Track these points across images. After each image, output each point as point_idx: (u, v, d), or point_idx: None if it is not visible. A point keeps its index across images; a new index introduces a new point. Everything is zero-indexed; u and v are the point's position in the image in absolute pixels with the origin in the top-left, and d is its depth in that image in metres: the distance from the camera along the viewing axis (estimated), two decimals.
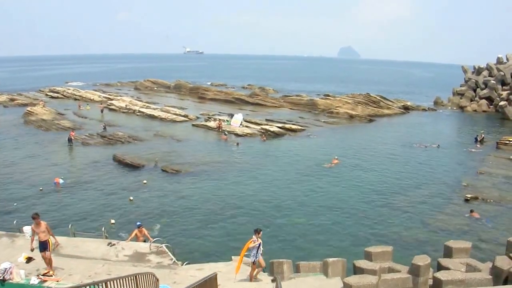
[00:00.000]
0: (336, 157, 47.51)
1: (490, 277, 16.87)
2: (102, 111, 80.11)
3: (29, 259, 18.86)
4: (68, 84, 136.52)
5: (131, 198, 35.12)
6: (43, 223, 18.71)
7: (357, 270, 19.55)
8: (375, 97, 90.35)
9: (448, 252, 19.77)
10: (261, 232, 19.23)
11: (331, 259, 20.22)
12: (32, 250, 18.89)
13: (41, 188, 37.29)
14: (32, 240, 18.90)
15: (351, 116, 78.61)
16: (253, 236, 18.82)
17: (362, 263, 19.75)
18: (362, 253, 21.34)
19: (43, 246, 18.48)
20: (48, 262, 18.63)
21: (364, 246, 22.70)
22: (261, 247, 18.93)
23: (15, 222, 25.12)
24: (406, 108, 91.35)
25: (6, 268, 17.72)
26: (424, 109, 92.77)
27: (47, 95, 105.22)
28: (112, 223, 29.77)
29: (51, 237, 18.85)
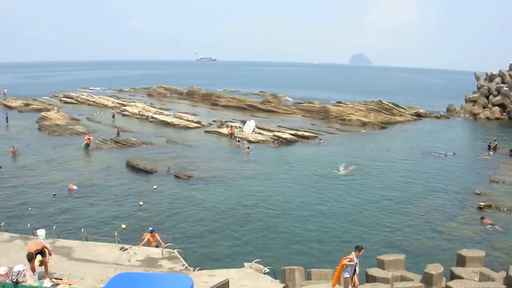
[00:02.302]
0: (352, 164, 47.48)
1: (504, 286, 16.79)
2: (113, 116, 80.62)
3: (41, 263, 18.92)
4: (82, 89, 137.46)
5: (141, 203, 35.25)
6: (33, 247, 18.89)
7: (370, 278, 19.49)
8: (387, 104, 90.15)
9: (461, 261, 19.68)
10: (363, 250, 18.10)
11: None
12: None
13: (54, 193, 37.50)
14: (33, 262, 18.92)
15: (364, 123, 78.42)
16: (352, 253, 17.83)
17: (374, 271, 19.70)
18: (374, 261, 21.27)
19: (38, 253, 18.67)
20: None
21: (377, 254, 22.64)
22: (357, 266, 17.85)
23: (29, 225, 25.33)
24: (419, 115, 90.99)
25: (19, 271, 17.81)
26: (436, 116, 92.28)
27: (61, 100, 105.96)
28: (123, 228, 29.83)
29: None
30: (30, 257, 18.38)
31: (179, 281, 11.71)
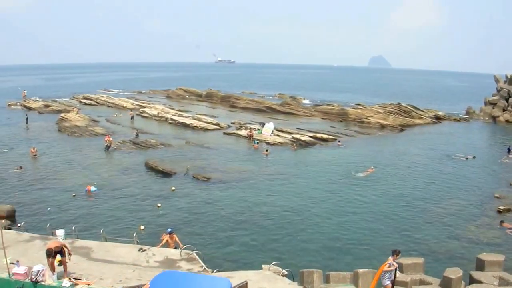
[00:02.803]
0: (372, 166, 47.23)
1: None
2: (132, 118, 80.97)
3: (60, 262, 19.00)
4: (102, 91, 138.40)
5: (159, 204, 35.34)
6: (54, 245, 19.05)
7: None
8: (406, 107, 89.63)
9: (481, 265, 19.50)
10: (400, 254, 18.06)
11: (361, 270, 20.03)
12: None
13: (74, 194, 37.76)
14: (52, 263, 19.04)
15: (383, 126, 78.00)
16: (390, 258, 17.73)
17: None
18: None
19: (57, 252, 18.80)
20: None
21: None
22: (397, 271, 17.84)
23: (48, 225, 25.44)
24: (438, 118, 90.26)
25: (38, 271, 17.90)
26: (456, 119, 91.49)
27: (81, 102, 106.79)
28: (142, 229, 29.90)
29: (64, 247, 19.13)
30: (49, 253, 18.51)
31: (219, 283, 12.00)
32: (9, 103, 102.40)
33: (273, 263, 20.82)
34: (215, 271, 20.49)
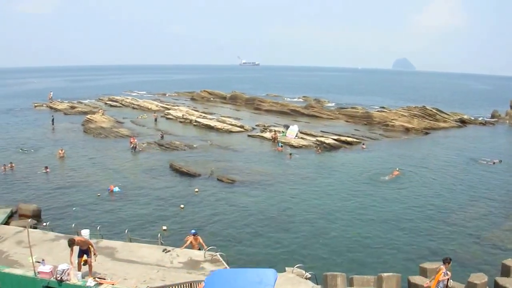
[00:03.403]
0: (397, 168, 46.89)
1: None
2: (155, 119, 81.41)
3: (85, 262, 19.14)
4: (127, 93, 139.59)
5: (182, 206, 35.42)
6: (80, 240, 19.22)
7: (412, 287, 19.21)
8: (431, 110, 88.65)
9: (506, 271, 19.26)
10: (451, 262, 18.03)
11: (385, 274, 19.90)
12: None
13: (98, 194, 38.05)
14: (72, 255, 19.21)
15: (407, 129, 77.23)
16: (442, 266, 17.71)
17: (417, 279, 19.48)
18: (417, 269, 20.94)
19: (83, 252, 19.00)
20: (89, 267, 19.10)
21: (419, 262, 22.24)
22: (450, 280, 17.75)
23: (73, 225, 25.65)
24: (463, 122, 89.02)
25: (64, 269, 18.07)
26: (481, 123, 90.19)
27: (106, 103, 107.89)
28: (164, 230, 29.98)
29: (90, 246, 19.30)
30: (71, 243, 18.75)
31: (266, 274, 12.50)
32: (35, 105, 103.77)
33: (296, 265, 20.73)
34: None
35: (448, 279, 17.50)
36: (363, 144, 62.24)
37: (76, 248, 19.10)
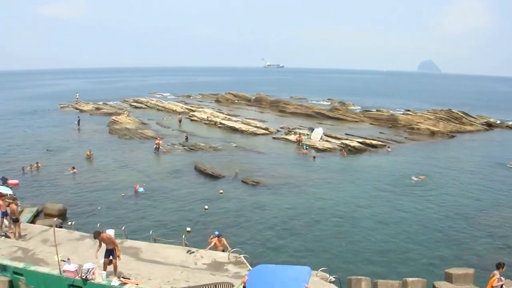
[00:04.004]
0: (422, 173, 46.41)
1: None
2: (180, 121, 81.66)
3: (110, 262, 19.20)
4: (152, 95, 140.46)
5: (206, 207, 35.40)
6: (106, 236, 19.32)
7: None
8: (457, 113, 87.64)
9: None
10: (504, 267, 17.69)
11: (410, 279, 19.72)
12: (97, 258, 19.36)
13: (123, 194, 38.27)
14: (98, 250, 19.32)
15: (433, 133, 76.34)
16: (496, 272, 17.50)
17: (442, 285, 19.31)
18: (442, 274, 20.69)
19: (109, 253, 19.07)
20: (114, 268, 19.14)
21: (445, 267, 21.93)
22: (504, 286, 17.51)
23: (98, 225, 25.76)
24: (489, 125, 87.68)
25: (89, 269, 18.17)
26: (508, 126, 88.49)
27: (131, 105, 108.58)
28: (188, 231, 29.97)
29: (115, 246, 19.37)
30: (97, 235, 18.91)
31: (301, 271, 13.11)
32: (61, 105, 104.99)
33: (320, 269, 20.55)
34: None
35: (502, 285, 17.15)
36: (389, 147, 61.67)
37: (103, 247, 19.20)
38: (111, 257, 18.99)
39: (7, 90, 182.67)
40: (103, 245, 19.15)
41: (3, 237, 24.60)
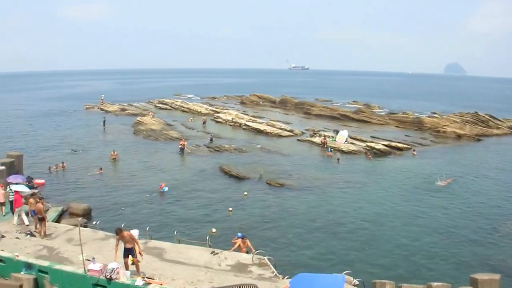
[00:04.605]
0: (448, 177, 45.74)
1: None
2: (204, 122, 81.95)
3: (133, 262, 19.23)
4: (177, 96, 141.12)
5: (230, 209, 35.32)
6: (127, 233, 19.33)
7: None
8: (483, 116, 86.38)
9: None
10: None
11: (435, 284, 19.40)
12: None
13: (147, 195, 38.37)
14: (116, 250, 19.35)
15: (459, 136, 75.35)
16: None
17: None
18: (467, 280, 20.34)
19: (128, 252, 19.05)
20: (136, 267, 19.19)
21: (470, 272, 21.56)
22: None
23: (123, 225, 25.81)
24: None
25: (113, 268, 18.20)
26: None
27: (156, 106, 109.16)
28: (213, 232, 29.92)
29: (135, 245, 19.39)
30: (118, 231, 18.95)
31: (337, 280, 14.13)
32: (87, 106, 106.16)
33: (345, 272, 20.28)
34: (286, 277, 20.16)
35: None
36: (414, 150, 61.03)
37: (121, 247, 19.25)
38: (131, 257, 19.03)
39: (34, 90, 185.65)
40: (121, 244, 19.19)
41: (28, 236, 24.84)
